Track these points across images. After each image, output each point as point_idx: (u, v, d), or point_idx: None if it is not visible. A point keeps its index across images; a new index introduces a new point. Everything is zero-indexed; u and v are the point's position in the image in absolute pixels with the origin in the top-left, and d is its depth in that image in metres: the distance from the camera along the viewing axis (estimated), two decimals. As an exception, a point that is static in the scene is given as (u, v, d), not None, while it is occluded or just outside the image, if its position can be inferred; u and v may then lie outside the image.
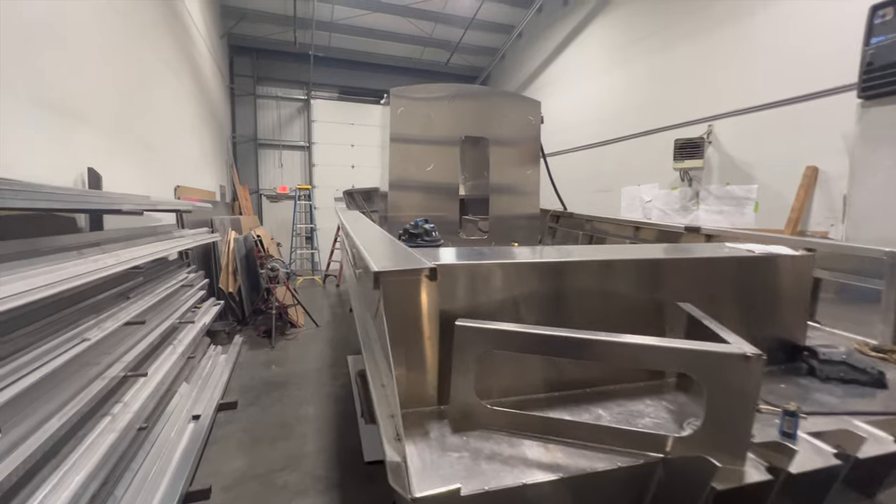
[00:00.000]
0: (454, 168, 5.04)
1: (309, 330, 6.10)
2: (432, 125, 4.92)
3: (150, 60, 5.05)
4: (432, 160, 4.95)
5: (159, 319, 3.04)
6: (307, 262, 11.49)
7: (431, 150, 4.95)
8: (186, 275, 3.83)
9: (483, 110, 5.09)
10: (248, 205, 10.38)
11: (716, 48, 5.98)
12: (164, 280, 3.45)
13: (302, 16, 9.70)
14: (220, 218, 6.36)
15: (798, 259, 1.98)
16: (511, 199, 5.32)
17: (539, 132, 5.39)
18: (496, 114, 5.13)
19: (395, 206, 4.88)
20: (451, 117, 4.97)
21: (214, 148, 8.66)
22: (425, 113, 4.88)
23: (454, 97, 4.95)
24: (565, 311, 1.72)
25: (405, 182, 4.91)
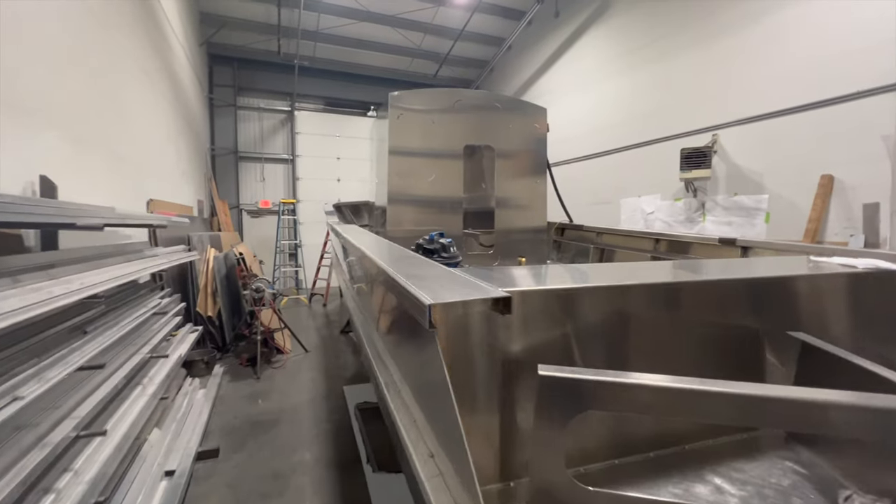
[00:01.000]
0: (457, 178, 4.69)
1: (297, 356, 5.57)
2: (434, 133, 4.57)
3: (123, 64, 4.58)
4: (434, 170, 4.59)
5: (125, 357, 2.54)
6: (291, 280, 10.90)
7: (433, 159, 4.59)
8: (159, 300, 3.32)
9: (487, 117, 4.77)
10: (227, 220, 9.80)
11: (719, 56, 5.87)
12: (133, 307, 2.95)
13: (286, 24, 9.35)
14: (197, 234, 5.83)
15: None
16: (517, 212, 4.99)
17: (546, 140, 5.11)
18: (501, 121, 4.83)
19: (394, 221, 4.48)
20: (453, 124, 4.63)
21: (192, 160, 8.12)
22: (426, 120, 4.54)
23: (457, 103, 4.63)
24: (635, 345, 1.35)
25: (405, 194, 4.52)
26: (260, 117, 11.11)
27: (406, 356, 1.49)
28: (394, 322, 1.71)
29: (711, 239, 3.43)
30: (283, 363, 5.14)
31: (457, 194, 4.69)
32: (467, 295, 1.07)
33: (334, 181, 11.88)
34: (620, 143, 7.65)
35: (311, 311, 8.61)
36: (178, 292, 4.99)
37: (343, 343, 6.27)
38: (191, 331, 4.31)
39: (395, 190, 4.47)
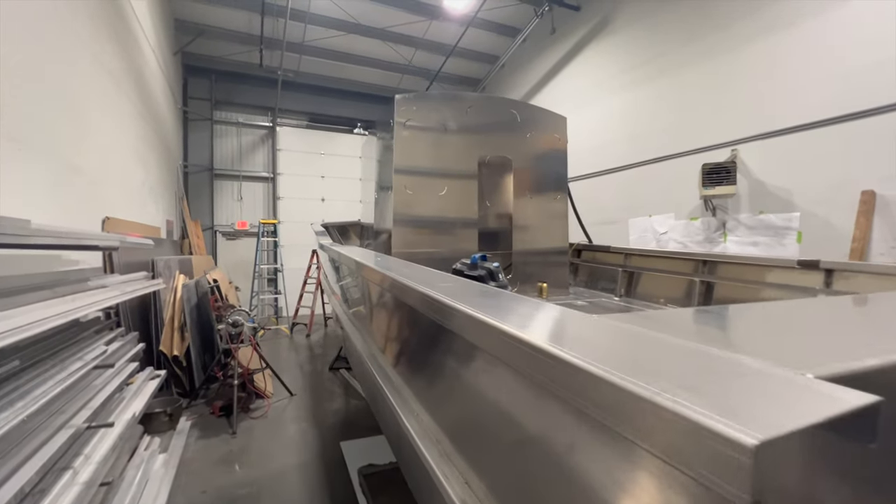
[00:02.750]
0: (471, 193, 4.11)
1: (280, 399, 4.76)
2: (445, 142, 4.01)
3: (84, 62, 3.89)
4: (445, 184, 4.01)
5: (46, 434, 1.78)
6: (270, 307, 10.00)
7: (444, 171, 4.02)
8: (105, 346, 2.55)
9: (503, 126, 4.26)
10: (200, 243, 8.92)
11: (736, 68, 5.59)
12: (68, 358, 2.18)
13: (270, 35, 8.80)
14: (164, 259, 5.02)
15: None
16: (536, 231, 4.44)
17: (566, 153, 4.63)
18: (518, 130, 4.32)
19: (401, 241, 3.85)
20: (466, 133, 4.09)
21: (161, 177, 7.31)
22: (437, 127, 3.98)
23: (469, 109, 4.10)
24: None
25: (413, 211, 3.91)
26: (238, 132, 10.39)
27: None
28: (438, 360, 1.07)
29: (787, 261, 2.92)
30: (264, 411, 4.32)
31: (470, 211, 4.11)
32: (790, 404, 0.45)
33: (318, 201, 11.17)
34: (627, 161, 7.29)
35: (292, 343, 7.74)
36: (137, 328, 4.17)
37: (333, 382, 5.48)
38: (150, 377, 3.50)
39: (402, 206, 3.86)
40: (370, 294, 2.22)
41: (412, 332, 1.56)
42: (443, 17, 8.83)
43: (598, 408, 0.54)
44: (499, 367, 0.84)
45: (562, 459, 0.66)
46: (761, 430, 0.39)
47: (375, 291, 2.06)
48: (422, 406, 1.33)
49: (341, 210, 11.03)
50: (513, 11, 8.95)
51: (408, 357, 1.61)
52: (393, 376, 1.66)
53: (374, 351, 2.05)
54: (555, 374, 0.62)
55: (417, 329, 1.46)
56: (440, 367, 1.21)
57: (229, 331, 4.18)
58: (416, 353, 1.49)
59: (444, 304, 1.03)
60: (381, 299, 2.00)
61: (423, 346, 1.38)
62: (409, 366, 1.57)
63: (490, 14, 8.86)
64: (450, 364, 1.13)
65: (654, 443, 0.46)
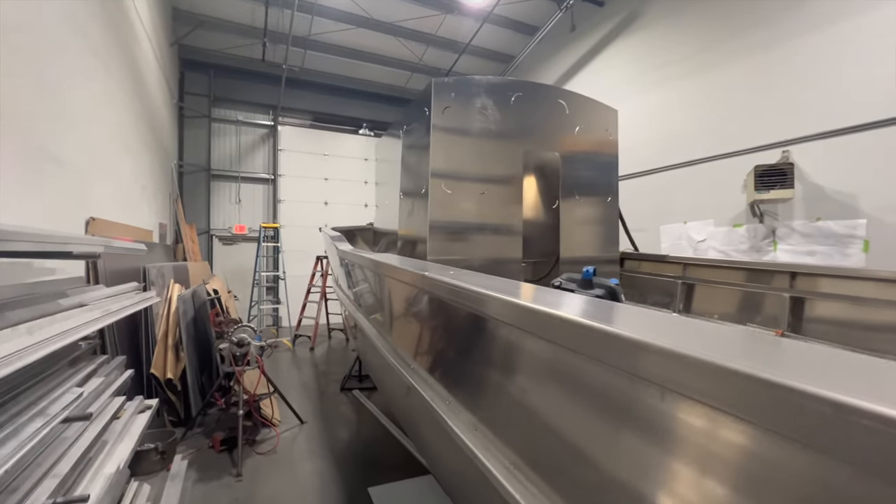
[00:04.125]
0: (515, 193, 3.58)
1: (290, 428, 4.16)
2: (488, 134, 3.49)
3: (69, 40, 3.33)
4: (487, 183, 3.48)
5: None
6: (269, 317, 9.37)
7: (486, 168, 3.49)
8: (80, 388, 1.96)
9: (550, 118, 3.75)
10: (195, 248, 8.29)
11: (787, 64, 5.14)
12: (28, 406, 1.60)
13: (273, 29, 8.26)
14: (157, 266, 4.42)
15: None
16: (585, 237, 3.92)
17: (617, 149, 4.13)
18: (567, 123, 3.81)
19: (440, 249, 3.30)
20: (511, 125, 3.57)
21: (155, 176, 6.71)
22: (479, 115, 3.45)
23: (516, 98, 3.58)
24: None
25: (452, 214, 3.37)
26: (238, 131, 9.80)
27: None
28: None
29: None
30: (273, 446, 3.72)
31: (514, 214, 3.57)
32: None
33: (321, 204, 10.59)
34: (657, 164, 6.82)
35: (295, 358, 7.12)
36: (124, 348, 3.57)
37: (347, 405, 4.88)
38: (140, 409, 2.90)
39: (439, 208, 3.32)
40: (436, 314, 1.68)
41: (504, 355, 1.05)
42: (458, 12, 8.37)
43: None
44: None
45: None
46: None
47: (446, 311, 1.53)
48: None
49: (345, 214, 10.46)
50: (532, 8, 8.51)
51: (484, 381, 1.10)
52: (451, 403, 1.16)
53: (423, 374, 1.52)
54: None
55: (511, 352, 0.94)
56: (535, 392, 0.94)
57: (233, 351, 3.58)
58: (499, 379, 0.97)
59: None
60: (453, 319, 1.49)
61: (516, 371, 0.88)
62: (483, 391, 1.26)
63: (507, 10, 8.41)
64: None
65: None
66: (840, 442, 0.45)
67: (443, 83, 3.38)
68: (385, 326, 2.69)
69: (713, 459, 0.62)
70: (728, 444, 0.59)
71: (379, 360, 2.74)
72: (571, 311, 0.87)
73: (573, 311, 0.86)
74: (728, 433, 0.58)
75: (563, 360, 0.92)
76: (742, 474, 0.58)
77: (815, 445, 0.48)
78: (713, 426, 0.61)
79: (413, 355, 1.96)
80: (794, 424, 0.49)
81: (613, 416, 0.79)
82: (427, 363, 1.81)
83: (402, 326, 2.32)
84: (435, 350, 1.79)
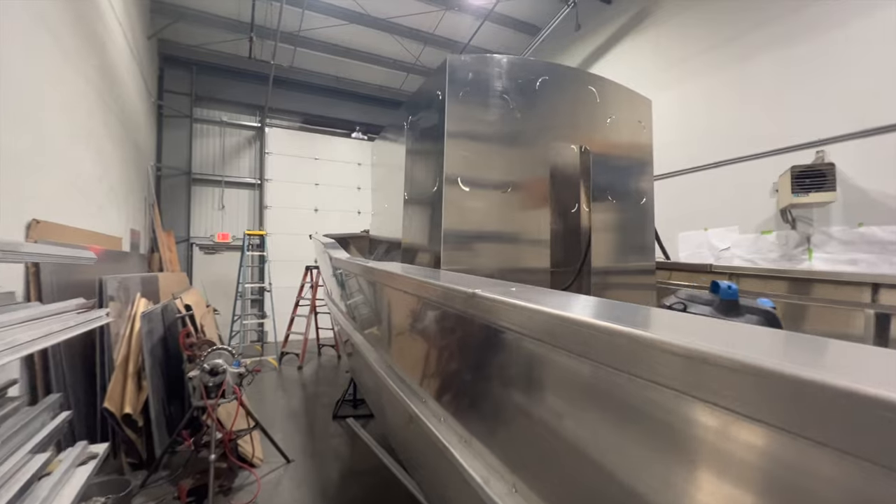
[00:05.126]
0: (541, 192, 3.07)
1: (274, 469, 3.53)
2: (511, 123, 2.98)
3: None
4: (511, 178, 2.96)
5: None
6: (254, 333, 8.68)
7: (510, 163, 2.97)
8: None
9: (579, 106, 3.26)
10: (173, 257, 7.62)
11: (822, 58, 4.76)
12: None
13: (261, 24, 7.73)
14: (119, 278, 3.78)
15: None
16: (618, 243, 3.41)
17: (651, 145, 3.65)
18: (597, 113, 3.32)
19: (455, 258, 2.76)
20: (537, 112, 3.07)
21: (128, 177, 6.07)
22: (501, 101, 2.94)
23: (542, 81, 3.08)
24: None
25: (471, 216, 2.83)
26: (222, 133, 9.19)
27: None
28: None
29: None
30: (252, 495, 3.08)
31: (540, 217, 3.05)
32: None
33: (310, 211, 9.99)
34: (674, 167, 6.40)
35: (281, 379, 6.46)
36: (70, 378, 2.94)
37: (341, 437, 4.26)
38: (82, 460, 2.28)
39: (455, 209, 2.78)
40: (466, 336, 1.15)
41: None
42: (458, 8, 7.94)
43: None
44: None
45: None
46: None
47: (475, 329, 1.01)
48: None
49: (337, 222, 9.87)
50: (535, 6, 8.14)
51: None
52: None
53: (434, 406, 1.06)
54: None
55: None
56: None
57: (205, 381, 2.97)
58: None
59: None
60: (494, 344, 0.96)
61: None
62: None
63: (509, 8, 8.02)
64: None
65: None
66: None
67: (459, 60, 2.86)
68: (384, 344, 2.17)
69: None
70: None
71: (377, 384, 2.22)
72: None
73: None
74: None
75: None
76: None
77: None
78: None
79: (420, 380, 1.51)
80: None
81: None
82: (447, 396, 1.28)
83: (408, 345, 1.80)
84: (459, 379, 1.28)
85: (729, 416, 0.56)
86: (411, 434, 1.74)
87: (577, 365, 0.83)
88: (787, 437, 0.50)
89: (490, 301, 1.10)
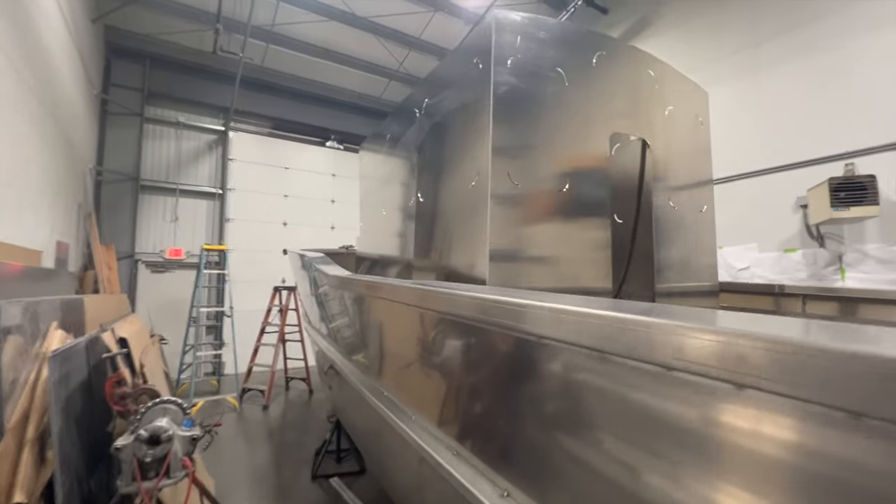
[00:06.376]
0: (601, 192, 2.42)
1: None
2: (565, 105, 2.34)
3: None
4: (567, 173, 2.30)
5: None
6: (208, 364, 7.49)
7: (565, 152, 2.32)
8: None
9: (638, 90, 2.68)
10: (112, 276, 6.42)
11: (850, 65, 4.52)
12: None
13: (229, 15, 6.90)
14: (26, 302, 2.77)
15: None
16: (681, 258, 2.81)
17: (710, 142, 3.13)
18: (657, 100, 2.76)
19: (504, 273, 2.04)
20: (593, 95, 2.45)
21: (56, 179, 4.98)
22: (553, 75, 2.31)
23: (600, 56, 2.48)
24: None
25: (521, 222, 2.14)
26: (178, 135, 8.11)
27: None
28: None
29: None
30: None
31: (599, 224, 2.39)
32: None
33: (279, 225, 8.99)
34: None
35: (243, 423, 5.38)
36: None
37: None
38: None
39: (504, 206, 2.09)
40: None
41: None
42: (448, 11, 7.45)
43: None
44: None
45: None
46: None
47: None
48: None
49: (309, 237, 8.91)
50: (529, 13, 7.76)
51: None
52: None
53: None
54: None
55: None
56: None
57: (140, 454, 2.04)
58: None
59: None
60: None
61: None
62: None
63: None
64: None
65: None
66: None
67: (508, 18, 2.22)
68: (386, 377, 1.48)
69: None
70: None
71: (382, 430, 1.55)
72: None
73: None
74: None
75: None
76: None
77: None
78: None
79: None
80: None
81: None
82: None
83: (424, 380, 1.17)
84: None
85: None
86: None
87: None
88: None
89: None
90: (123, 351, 2.78)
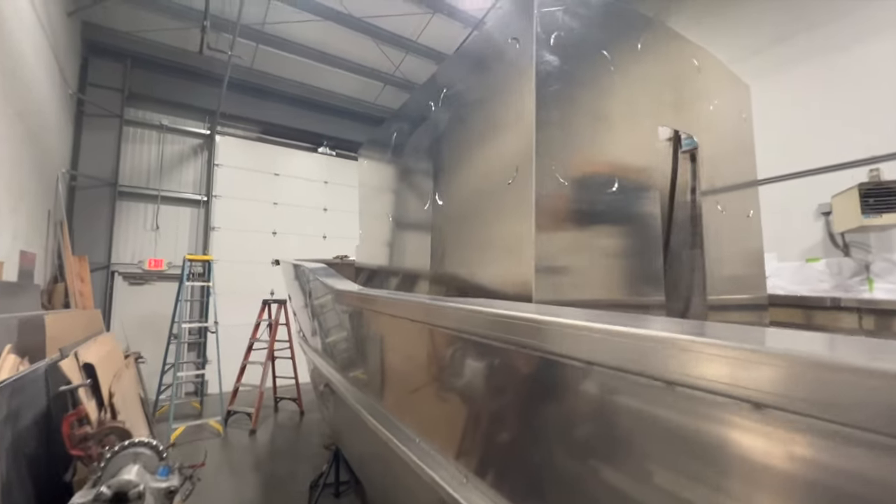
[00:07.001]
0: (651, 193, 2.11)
1: None
2: (610, 92, 2.04)
3: None
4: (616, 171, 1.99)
5: None
6: (190, 384, 6.96)
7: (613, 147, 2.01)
8: None
9: (682, 80, 2.40)
10: (84, 289, 5.91)
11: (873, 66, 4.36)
12: None
13: (217, 13, 6.55)
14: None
15: None
16: (729, 267, 2.52)
17: (754, 145, 2.87)
18: (702, 92, 2.48)
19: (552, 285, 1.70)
20: (637, 80, 2.16)
21: (20, 182, 4.52)
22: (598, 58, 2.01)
23: (644, 39, 2.19)
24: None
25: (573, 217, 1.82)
26: (160, 139, 7.65)
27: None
28: None
29: None
30: None
31: (651, 227, 2.08)
32: None
33: (268, 234, 8.54)
34: (695, 187, 5.78)
35: (228, 450, 4.90)
36: None
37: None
38: None
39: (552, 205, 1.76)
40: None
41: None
42: (447, 13, 7.21)
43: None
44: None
45: None
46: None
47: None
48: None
49: (299, 247, 8.48)
50: (528, 16, 7.57)
51: None
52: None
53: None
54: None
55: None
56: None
57: (102, 516, 1.62)
58: None
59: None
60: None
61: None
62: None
63: (503, 15, 7.39)
64: None
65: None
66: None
67: (549, 7, 1.91)
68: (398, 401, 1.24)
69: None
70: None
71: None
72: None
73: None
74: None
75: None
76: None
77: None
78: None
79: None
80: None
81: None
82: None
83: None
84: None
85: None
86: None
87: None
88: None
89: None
90: (86, 382, 2.34)
